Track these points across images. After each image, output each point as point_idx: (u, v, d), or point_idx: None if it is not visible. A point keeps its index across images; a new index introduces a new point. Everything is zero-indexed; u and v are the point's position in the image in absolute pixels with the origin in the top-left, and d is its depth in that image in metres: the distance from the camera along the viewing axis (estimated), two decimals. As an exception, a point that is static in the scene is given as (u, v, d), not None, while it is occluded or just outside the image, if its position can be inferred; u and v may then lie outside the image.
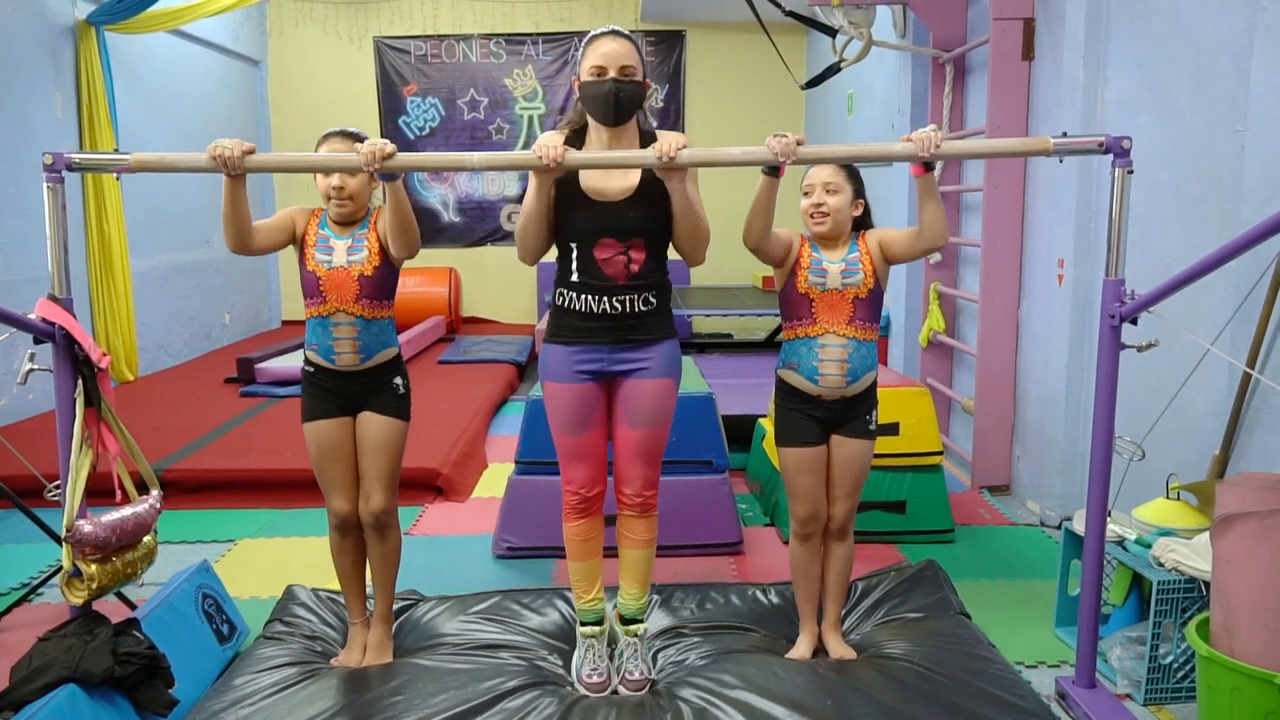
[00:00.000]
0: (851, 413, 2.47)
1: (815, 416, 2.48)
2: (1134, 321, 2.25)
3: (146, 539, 2.29)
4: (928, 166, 2.32)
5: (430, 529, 3.83)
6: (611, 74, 2.28)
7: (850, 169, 2.57)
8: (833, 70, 4.91)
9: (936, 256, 4.91)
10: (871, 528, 3.57)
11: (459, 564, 3.44)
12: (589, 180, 2.34)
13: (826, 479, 2.52)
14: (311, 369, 2.48)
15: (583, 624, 2.47)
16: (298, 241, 2.49)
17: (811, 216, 2.51)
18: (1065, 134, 2.29)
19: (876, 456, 3.54)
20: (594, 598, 2.45)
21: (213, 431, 4.82)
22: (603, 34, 2.31)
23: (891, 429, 3.55)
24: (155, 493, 2.34)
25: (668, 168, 2.23)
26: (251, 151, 2.25)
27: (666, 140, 2.24)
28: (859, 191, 2.55)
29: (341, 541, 2.55)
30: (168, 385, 6.18)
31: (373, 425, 2.47)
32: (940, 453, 3.63)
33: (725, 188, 5.68)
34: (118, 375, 6.20)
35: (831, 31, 4.81)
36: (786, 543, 3.56)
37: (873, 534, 3.57)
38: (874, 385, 2.50)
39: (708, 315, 6.30)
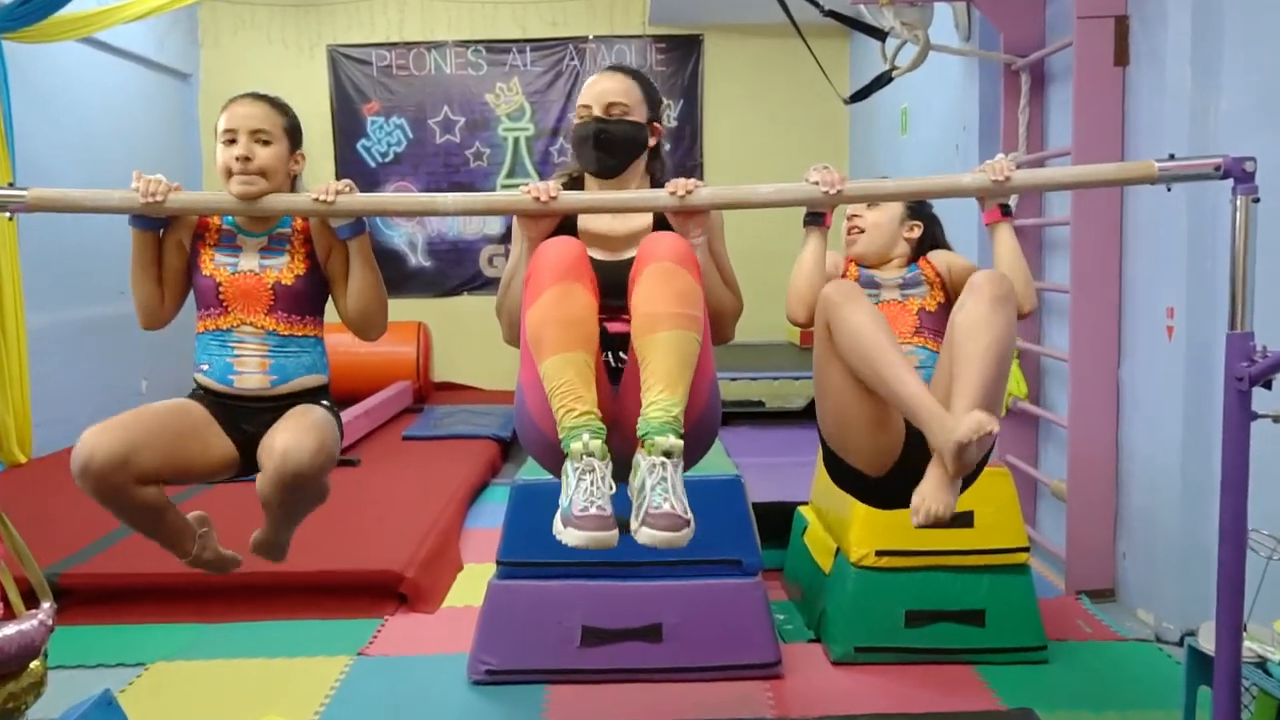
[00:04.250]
0: None
1: None
2: (1267, 385, 2.22)
3: (34, 664, 2.25)
4: (1004, 210, 2.32)
5: (390, 648, 3.78)
6: (596, 112, 2.36)
7: None
8: (882, 81, 4.95)
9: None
10: (942, 644, 3.52)
11: (426, 693, 3.38)
12: (589, 232, 2.37)
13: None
14: (201, 393, 2.44)
15: (571, 443, 2.09)
16: (189, 251, 2.43)
17: (848, 235, 2.56)
18: (1172, 156, 2.29)
19: (946, 554, 3.54)
20: (589, 409, 2.10)
21: (123, 526, 4.78)
22: (599, 73, 2.42)
23: (964, 520, 3.52)
24: (47, 605, 2.31)
25: (683, 210, 2.24)
26: (175, 190, 2.27)
27: (679, 179, 2.27)
28: (916, 211, 2.57)
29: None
30: (68, 470, 6.14)
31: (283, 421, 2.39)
32: (1026, 549, 3.59)
33: (750, 218, 5.69)
34: (5, 457, 6.19)
35: (880, 34, 4.86)
36: (837, 663, 3.51)
37: (944, 652, 3.51)
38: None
39: (733, 379, 6.28)
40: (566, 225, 2.37)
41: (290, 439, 2.26)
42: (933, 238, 2.61)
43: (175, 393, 2.50)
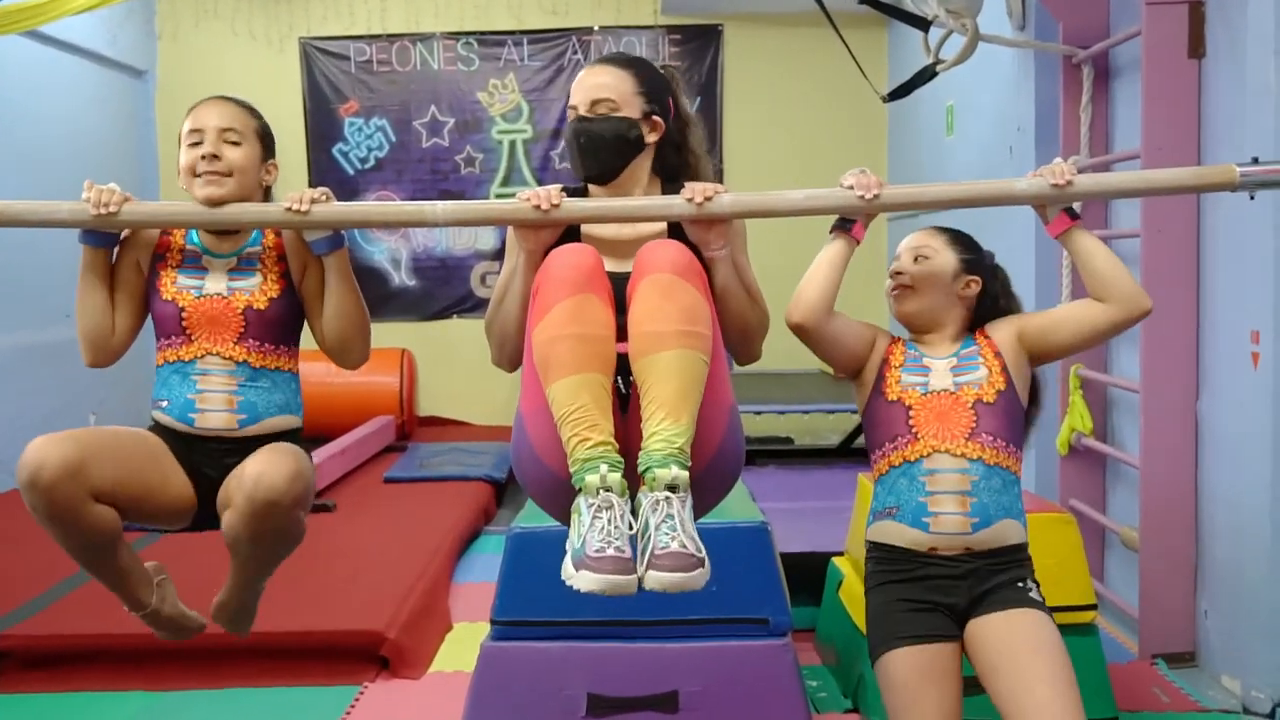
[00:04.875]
0: (990, 580, 2.37)
1: (933, 597, 2.38)
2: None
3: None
4: (1072, 214, 2.31)
5: (370, 719, 3.75)
6: (582, 111, 2.39)
7: (962, 234, 2.55)
8: (926, 76, 4.96)
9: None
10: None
11: (410, 770, 3.37)
12: (593, 238, 2.38)
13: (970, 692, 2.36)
14: (158, 431, 2.44)
15: (586, 476, 2.07)
16: (146, 273, 2.45)
17: (893, 293, 2.51)
18: (1256, 160, 2.29)
19: None
20: (606, 439, 2.08)
21: (69, 579, 4.77)
22: (587, 67, 2.46)
23: (1023, 572, 3.49)
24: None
25: (701, 219, 2.24)
26: (127, 201, 2.28)
27: (697, 183, 2.28)
28: (971, 266, 2.52)
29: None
30: (8, 517, 6.16)
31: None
32: (1093, 606, 3.58)
33: (778, 233, 5.69)
34: (-61, 501, 6.20)
35: (923, 24, 4.88)
36: (877, 738, 3.49)
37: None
38: (1023, 545, 2.42)
39: (758, 413, 6.26)
40: (569, 231, 2.38)
41: (263, 463, 2.26)
42: (994, 299, 2.54)
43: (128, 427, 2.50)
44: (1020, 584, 2.40)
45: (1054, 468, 5.15)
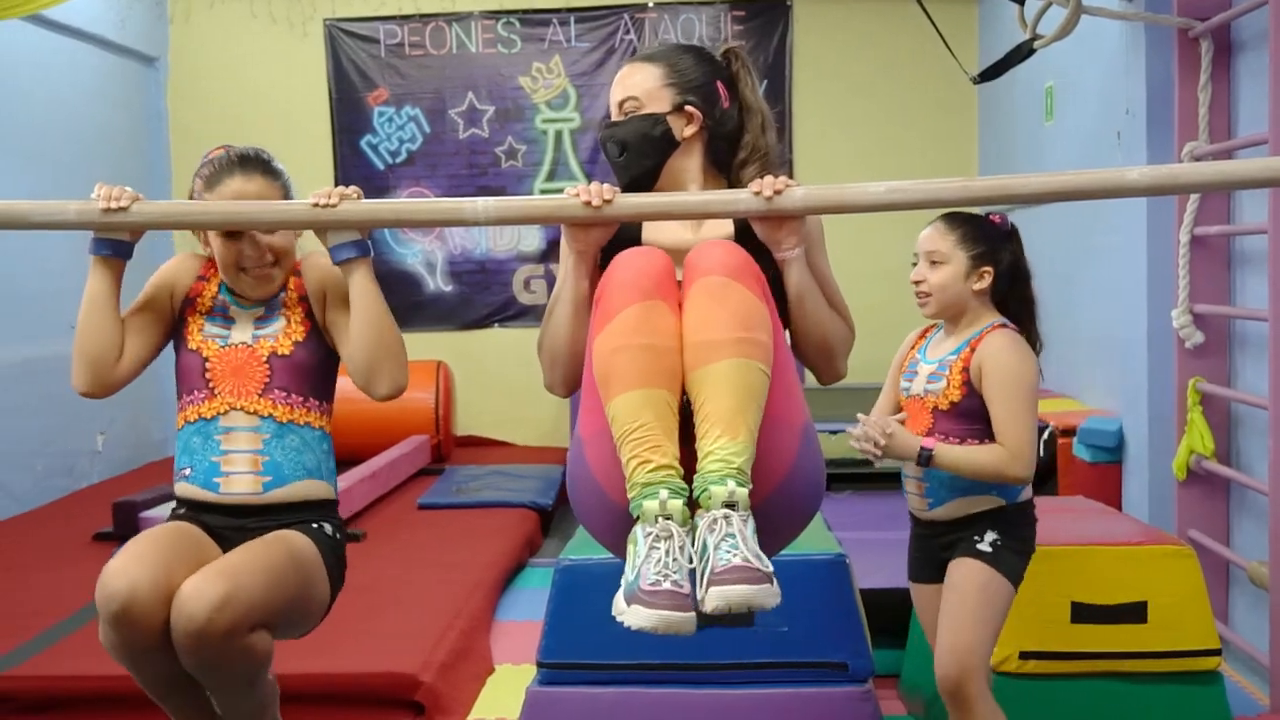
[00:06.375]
0: (957, 537, 3.09)
1: (923, 547, 3.23)
2: None
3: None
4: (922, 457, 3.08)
5: (403, 772, 3.78)
6: (613, 115, 2.47)
7: (971, 225, 3.03)
8: (1021, 54, 4.93)
9: (1196, 336, 4.84)
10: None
11: (448, 829, 3.38)
12: (655, 245, 2.37)
13: None
14: (183, 510, 2.46)
15: (644, 502, 2.07)
16: (176, 311, 2.48)
17: (917, 298, 3.11)
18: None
19: (1110, 658, 3.51)
20: (669, 463, 2.09)
21: (73, 617, 4.84)
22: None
23: (1134, 612, 3.50)
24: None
25: (771, 216, 2.24)
26: (137, 200, 2.31)
27: (767, 177, 2.28)
28: (980, 258, 3.05)
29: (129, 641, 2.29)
30: (7, 546, 6.26)
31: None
32: (1217, 651, 3.54)
33: (850, 227, 5.66)
34: (-66, 530, 6.31)
35: (1019, -5, 4.86)
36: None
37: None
38: (991, 511, 3.06)
39: (833, 433, 6.23)
40: (628, 241, 2.38)
41: (199, 580, 2.22)
42: (1009, 271, 3.10)
43: (135, 452, 2.53)
44: (975, 537, 3.05)
45: (1170, 494, 5.09)
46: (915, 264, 3.10)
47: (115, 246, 2.39)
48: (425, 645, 4.41)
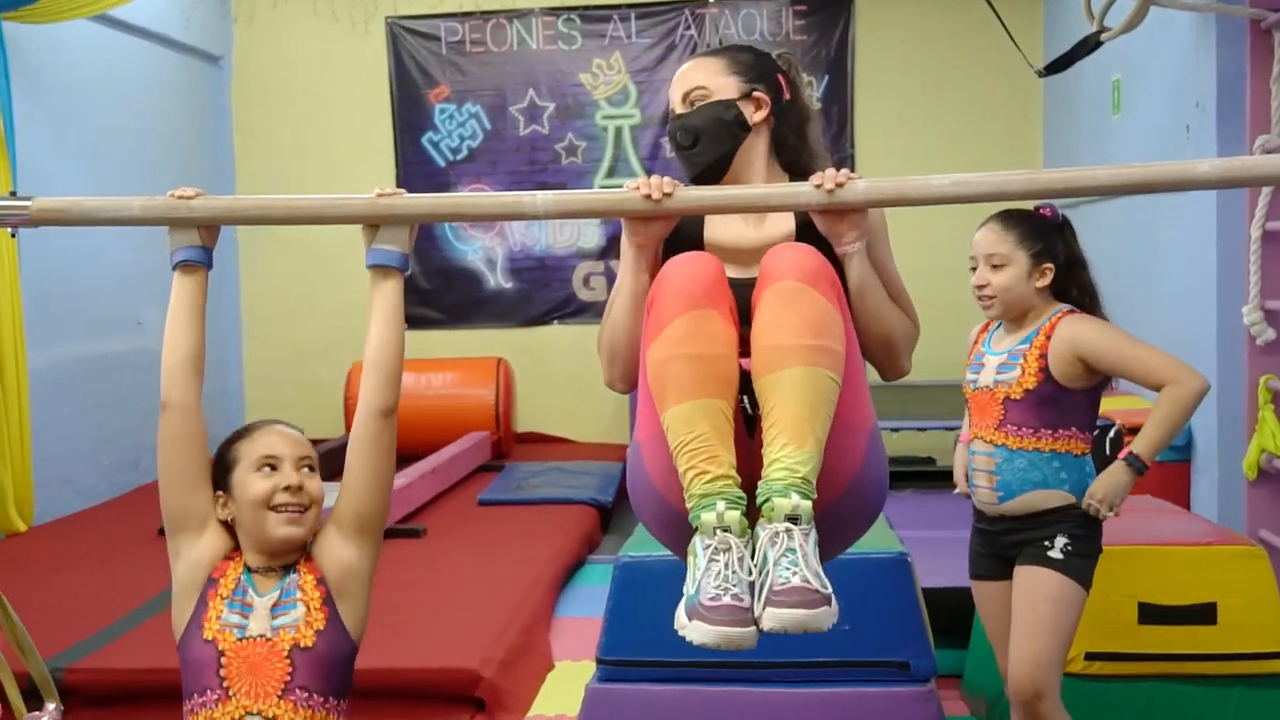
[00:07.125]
0: (1026, 537, 3.10)
1: (988, 543, 3.22)
2: None
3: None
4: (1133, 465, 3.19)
5: (463, 767, 3.81)
6: (678, 109, 2.46)
7: (1027, 223, 3.12)
8: (1088, 46, 4.88)
9: (1268, 333, 4.78)
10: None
11: (508, 825, 3.39)
12: (715, 245, 2.39)
13: None
14: None
15: (702, 514, 2.07)
16: (198, 581, 2.36)
17: (979, 301, 3.13)
18: None
19: (1178, 659, 3.49)
20: (726, 473, 2.08)
21: (139, 609, 4.90)
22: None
23: (1203, 614, 3.47)
24: (52, 708, 2.36)
25: (833, 208, 2.23)
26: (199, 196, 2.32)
27: (828, 170, 2.27)
28: (1041, 256, 3.09)
29: None
30: (75, 540, 6.34)
31: None
32: (1290, 654, 3.51)
33: (914, 222, 5.62)
34: (3, 525, 6.39)
35: (1085, -13, 4.81)
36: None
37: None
38: (1063, 509, 3.07)
39: (895, 430, 6.20)
40: (689, 238, 2.38)
41: None
42: (1067, 266, 3.14)
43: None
44: (1045, 541, 3.06)
45: (1240, 494, 5.04)
46: (973, 268, 3.15)
47: (199, 252, 2.35)
48: (486, 641, 4.43)
